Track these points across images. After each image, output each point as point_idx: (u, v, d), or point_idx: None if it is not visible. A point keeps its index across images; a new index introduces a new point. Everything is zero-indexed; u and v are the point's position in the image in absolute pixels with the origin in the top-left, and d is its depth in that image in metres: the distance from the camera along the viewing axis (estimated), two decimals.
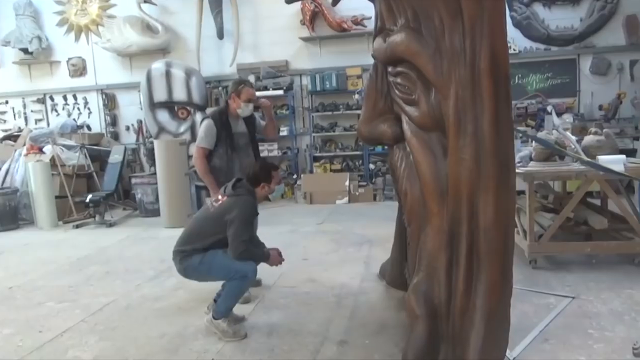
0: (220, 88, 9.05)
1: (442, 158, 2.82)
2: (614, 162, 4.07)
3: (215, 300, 3.46)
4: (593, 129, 4.44)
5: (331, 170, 8.83)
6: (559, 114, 7.66)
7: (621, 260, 4.33)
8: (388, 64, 3.13)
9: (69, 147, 8.68)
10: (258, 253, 3.40)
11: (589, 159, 4.05)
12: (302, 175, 8.81)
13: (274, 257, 3.44)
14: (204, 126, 4.07)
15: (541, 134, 4.58)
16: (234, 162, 4.08)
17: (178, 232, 6.67)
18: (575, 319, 3.26)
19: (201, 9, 8.84)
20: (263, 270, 4.60)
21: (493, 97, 2.58)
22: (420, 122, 2.92)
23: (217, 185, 3.91)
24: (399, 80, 3.04)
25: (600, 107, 8.06)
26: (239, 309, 3.62)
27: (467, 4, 2.55)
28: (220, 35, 9.02)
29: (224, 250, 3.29)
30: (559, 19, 8.22)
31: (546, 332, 3.08)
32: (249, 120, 4.20)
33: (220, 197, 3.42)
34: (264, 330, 3.41)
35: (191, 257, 3.33)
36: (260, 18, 9.01)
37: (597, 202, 5.22)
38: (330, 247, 5.49)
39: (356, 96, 8.50)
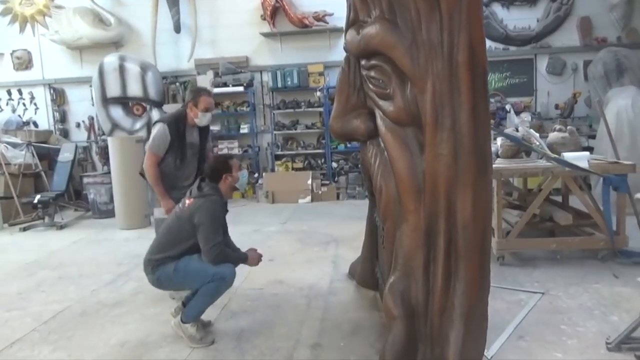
0: (177, 84, 8.74)
1: (419, 154, 2.74)
2: (579, 158, 4.13)
3: (184, 304, 3.27)
4: (557, 126, 4.50)
5: (293, 169, 8.69)
6: (517, 113, 7.81)
7: (585, 255, 4.41)
8: (362, 57, 3.03)
9: (14, 145, 8.17)
10: (234, 255, 3.24)
11: (556, 156, 4.09)
12: (263, 174, 8.63)
13: (252, 258, 3.29)
14: (158, 132, 3.77)
15: (507, 131, 4.60)
16: (180, 172, 3.87)
17: (135, 234, 6.52)
18: (547, 314, 3.27)
19: (157, 1, 8.50)
20: None
21: (471, 90, 2.53)
22: (395, 117, 2.83)
23: (166, 193, 3.78)
24: (372, 73, 2.95)
25: (557, 106, 8.27)
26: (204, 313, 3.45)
27: None
28: (177, 29, 8.72)
29: (199, 255, 3.11)
30: (516, 19, 8.38)
31: (520, 329, 3.07)
32: (204, 131, 3.99)
33: (187, 200, 3.24)
34: (232, 335, 3.25)
35: (164, 265, 3.10)
36: (219, 12, 8.76)
37: (557, 198, 5.33)
38: (296, 247, 5.35)
39: (318, 93, 8.40)
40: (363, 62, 3.06)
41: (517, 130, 4.62)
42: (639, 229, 4.35)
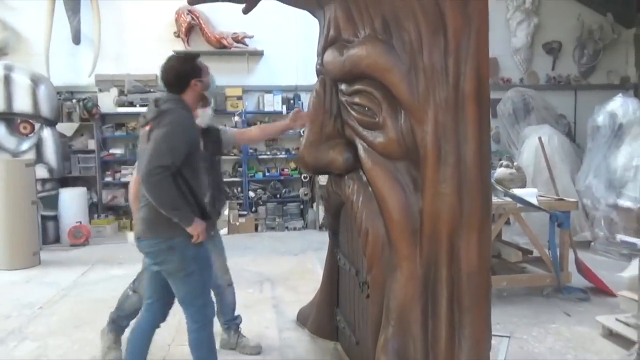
0: (74, 100, 7.72)
1: (413, 191, 2.44)
2: (528, 195, 4.13)
3: None
4: (504, 162, 4.50)
5: None
6: None
7: (529, 292, 4.39)
8: (344, 80, 2.69)
9: None
10: (180, 205, 2.36)
11: (510, 192, 4.05)
12: None
13: (197, 228, 2.42)
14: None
15: None
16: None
17: (22, 276, 5.50)
18: None
19: (53, 7, 7.49)
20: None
21: (478, 123, 2.30)
22: (384, 149, 2.52)
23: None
24: (356, 100, 2.62)
25: None
26: None
27: (454, 17, 2.25)
28: (77, 39, 7.75)
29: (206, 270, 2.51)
30: None
31: None
32: (209, 135, 3.20)
33: (146, 127, 2.49)
34: None
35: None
36: (127, 25, 7.97)
37: None
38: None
39: (236, 118, 7.91)
40: (343, 87, 2.72)
41: None
42: (575, 266, 4.48)
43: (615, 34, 8.77)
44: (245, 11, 3.92)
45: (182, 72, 2.57)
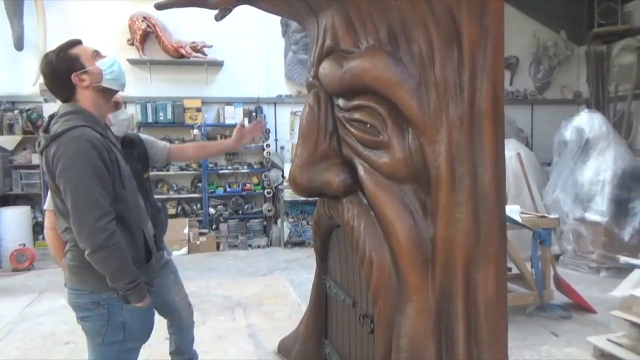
0: (16, 111, 7.11)
1: (423, 217, 2.24)
2: (511, 212, 4.03)
3: None
4: None
5: None
6: None
7: (511, 311, 4.26)
8: (343, 94, 2.45)
9: None
10: (138, 274, 1.96)
11: None
12: None
13: (145, 302, 2.05)
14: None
15: None
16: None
17: None
18: None
19: None
20: None
21: (495, 143, 2.13)
22: (390, 170, 2.29)
23: None
24: (357, 116, 2.39)
25: None
26: None
27: (470, 28, 2.07)
28: (19, 45, 7.16)
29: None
30: None
31: None
32: (131, 151, 2.69)
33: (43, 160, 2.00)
34: None
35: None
36: (75, 30, 7.39)
37: None
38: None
39: (195, 131, 7.54)
40: (340, 102, 2.49)
41: None
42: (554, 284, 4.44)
43: (568, 50, 9.04)
44: (219, 18, 3.65)
45: (57, 72, 2.03)
